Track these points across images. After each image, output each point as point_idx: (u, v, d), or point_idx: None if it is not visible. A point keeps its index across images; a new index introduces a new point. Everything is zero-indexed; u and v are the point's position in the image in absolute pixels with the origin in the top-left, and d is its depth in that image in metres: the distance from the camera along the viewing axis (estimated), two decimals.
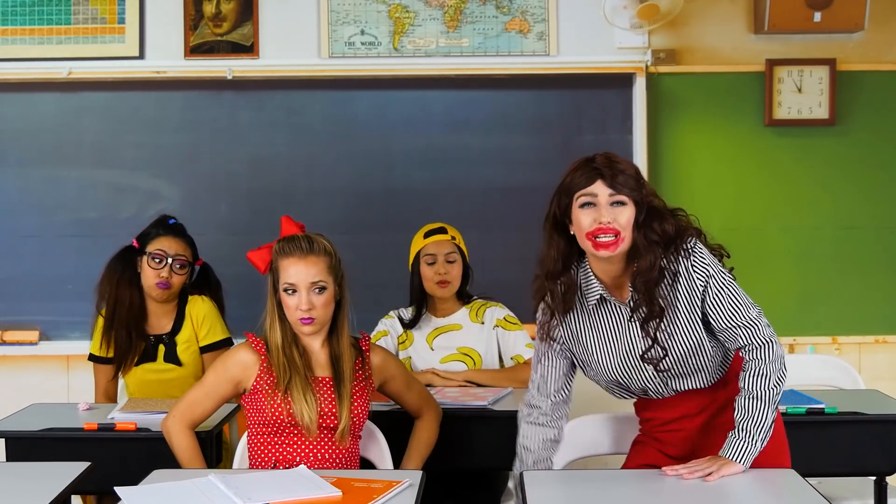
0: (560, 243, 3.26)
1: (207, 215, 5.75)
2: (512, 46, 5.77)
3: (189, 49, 5.77)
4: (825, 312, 5.82)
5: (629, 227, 3.16)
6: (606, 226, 3.13)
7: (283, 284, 3.57)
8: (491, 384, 4.50)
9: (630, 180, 3.17)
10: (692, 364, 3.26)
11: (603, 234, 3.13)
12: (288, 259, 3.58)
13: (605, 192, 3.15)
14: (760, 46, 5.78)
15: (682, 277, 3.20)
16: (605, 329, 3.32)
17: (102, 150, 5.80)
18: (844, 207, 5.80)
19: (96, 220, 5.76)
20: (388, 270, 5.29)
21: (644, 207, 3.19)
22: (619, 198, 3.15)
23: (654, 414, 3.43)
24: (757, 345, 3.19)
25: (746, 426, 3.14)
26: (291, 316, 3.58)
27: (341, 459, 3.56)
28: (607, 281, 3.28)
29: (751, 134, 5.78)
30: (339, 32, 5.77)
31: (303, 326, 3.58)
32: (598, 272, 3.28)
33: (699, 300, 3.20)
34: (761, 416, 3.14)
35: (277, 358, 3.56)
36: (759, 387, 3.16)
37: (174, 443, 3.65)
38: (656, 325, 3.19)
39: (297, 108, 5.81)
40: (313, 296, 3.57)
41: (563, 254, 3.27)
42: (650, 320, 3.19)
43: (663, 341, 3.21)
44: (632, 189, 3.16)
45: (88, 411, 4.26)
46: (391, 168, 5.81)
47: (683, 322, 3.21)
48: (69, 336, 5.69)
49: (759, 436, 3.13)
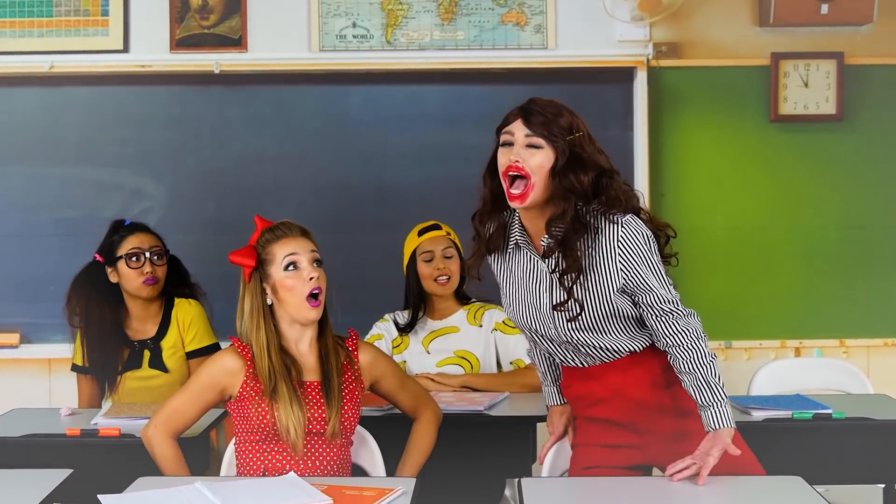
0: (490, 185, 3.35)
1: (194, 214, 5.75)
2: (509, 39, 5.77)
3: (175, 42, 5.77)
4: (832, 314, 5.82)
5: (540, 171, 3.21)
6: (514, 164, 3.20)
7: (284, 263, 3.56)
8: (488, 389, 4.49)
9: (551, 125, 3.22)
10: (605, 324, 3.29)
11: (512, 171, 3.20)
12: (281, 240, 3.59)
13: (522, 131, 3.23)
14: (765, 39, 5.78)
15: (602, 239, 3.23)
16: (521, 276, 3.38)
17: (85, 146, 5.80)
18: (852, 206, 5.80)
19: (79, 219, 5.76)
20: (381, 271, 5.29)
21: (565, 156, 3.21)
22: (534, 140, 3.22)
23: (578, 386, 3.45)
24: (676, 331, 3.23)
25: (707, 398, 3.17)
26: (297, 297, 3.56)
27: (332, 466, 3.55)
28: (531, 229, 3.34)
29: (755, 130, 5.79)
30: (329, 25, 5.77)
31: (311, 310, 3.57)
32: (524, 220, 3.36)
33: (616, 270, 3.23)
34: (712, 382, 3.18)
35: (262, 362, 3.54)
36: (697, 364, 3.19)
37: (156, 453, 3.62)
38: (573, 279, 3.24)
39: (286, 104, 5.81)
40: (317, 269, 3.59)
41: (494, 195, 3.34)
42: (567, 273, 3.24)
43: (580, 296, 3.25)
44: (550, 133, 3.21)
45: (71, 416, 4.25)
46: (384, 165, 5.81)
47: (599, 282, 3.24)
48: (51, 339, 5.68)
49: (720, 395, 3.18)
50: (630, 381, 3.36)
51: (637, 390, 3.35)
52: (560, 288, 3.28)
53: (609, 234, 3.23)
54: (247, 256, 3.60)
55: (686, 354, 3.22)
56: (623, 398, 3.37)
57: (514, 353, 4.68)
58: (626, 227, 3.23)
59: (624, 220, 3.23)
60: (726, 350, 5.69)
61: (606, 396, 3.38)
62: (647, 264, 3.24)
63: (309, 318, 3.59)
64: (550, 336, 3.37)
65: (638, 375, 3.35)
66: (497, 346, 4.72)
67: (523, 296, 3.38)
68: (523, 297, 3.38)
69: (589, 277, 3.24)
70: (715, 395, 3.18)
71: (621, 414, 3.38)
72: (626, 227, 3.23)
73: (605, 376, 3.38)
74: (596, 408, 3.42)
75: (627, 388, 3.36)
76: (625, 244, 3.23)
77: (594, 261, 3.24)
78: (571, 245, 3.22)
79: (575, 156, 3.22)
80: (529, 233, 3.35)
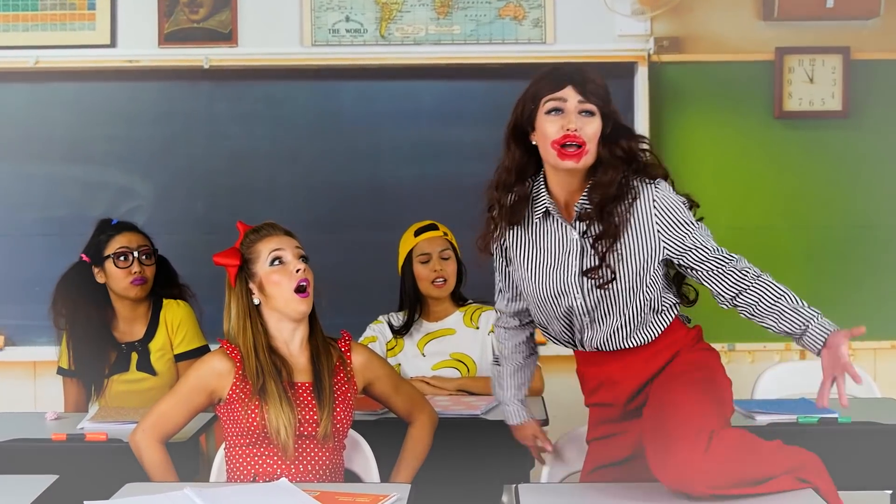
0: (517, 153, 3.35)
1: (183, 213, 5.75)
2: (506, 34, 5.77)
3: (163, 37, 5.77)
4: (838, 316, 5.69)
5: (595, 139, 3.20)
6: (573, 133, 3.16)
7: (269, 257, 3.57)
8: (485, 393, 4.49)
9: (600, 90, 3.22)
10: (631, 295, 3.28)
11: (569, 141, 3.16)
12: (265, 238, 3.62)
13: (575, 98, 3.20)
14: (770, 34, 5.78)
15: (640, 204, 3.23)
16: (546, 245, 3.34)
17: (72, 144, 5.79)
18: (858, 204, 5.80)
19: (65, 218, 5.75)
20: (374, 271, 5.29)
21: (610, 122, 3.23)
22: (588, 107, 3.20)
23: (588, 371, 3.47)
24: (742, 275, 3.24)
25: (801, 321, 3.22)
26: (284, 291, 3.57)
27: (324, 471, 3.55)
28: (561, 196, 3.31)
29: (759, 127, 5.79)
30: (322, 19, 5.76)
31: (301, 304, 3.57)
32: (553, 186, 3.32)
33: (656, 234, 3.24)
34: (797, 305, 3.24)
35: (251, 363, 3.54)
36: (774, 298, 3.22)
37: (144, 459, 3.62)
38: (607, 245, 3.22)
39: (278, 100, 5.80)
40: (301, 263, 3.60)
41: (519, 164, 3.35)
42: (603, 238, 3.23)
43: (613, 263, 3.24)
44: (601, 99, 3.21)
45: (56, 421, 4.25)
46: (378, 163, 5.81)
47: (635, 248, 3.24)
48: (36, 341, 5.67)
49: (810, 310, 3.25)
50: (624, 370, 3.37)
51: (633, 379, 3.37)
52: (593, 253, 3.26)
53: (647, 198, 3.23)
54: (230, 257, 3.61)
55: (758, 294, 3.22)
56: (613, 385, 3.39)
57: None
58: (662, 190, 3.24)
59: (658, 184, 3.25)
60: (729, 353, 5.69)
61: (606, 381, 3.40)
62: (689, 223, 3.25)
63: (298, 311, 3.59)
64: (573, 307, 3.33)
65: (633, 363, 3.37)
66: (494, 349, 4.72)
67: (548, 266, 3.33)
68: (548, 267, 3.33)
69: (624, 243, 3.24)
70: (805, 314, 3.21)
71: (614, 397, 3.40)
72: (662, 191, 3.24)
73: (612, 361, 3.38)
74: (598, 393, 3.45)
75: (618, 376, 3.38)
76: (664, 207, 3.23)
77: (631, 226, 3.23)
78: (609, 210, 3.21)
79: (618, 122, 3.25)
80: (558, 200, 3.32)
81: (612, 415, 3.43)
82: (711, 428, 3.09)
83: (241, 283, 3.61)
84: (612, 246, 3.23)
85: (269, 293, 3.58)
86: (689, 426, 3.09)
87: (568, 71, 3.25)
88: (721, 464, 3.04)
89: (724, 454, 3.05)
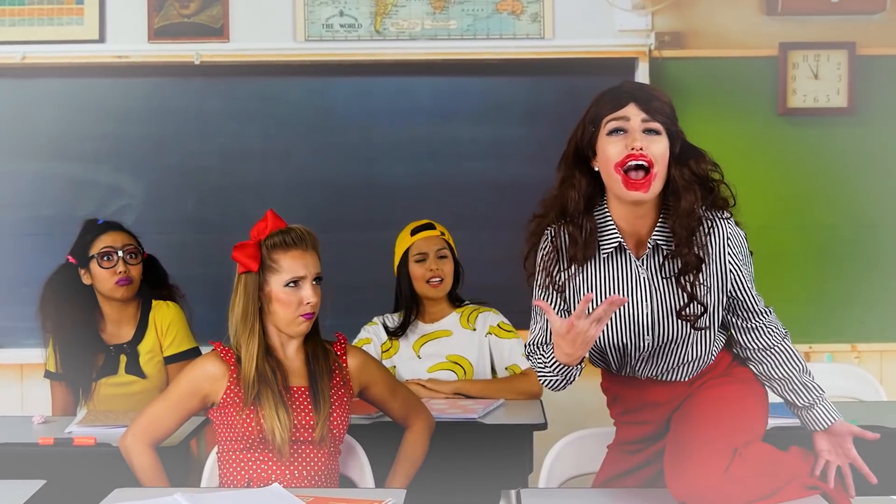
0: (582, 181, 3.15)
1: (174, 213, 5.75)
2: (504, 29, 5.77)
3: (153, 32, 5.76)
4: (843, 318, 5.82)
5: (664, 160, 3.06)
6: (638, 153, 3.01)
7: (287, 280, 3.55)
8: (483, 396, 4.49)
9: (665, 107, 3.09)
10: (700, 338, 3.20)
11: (634, 160, 3.00)
12: (290, 252, 3.57)
13: (639, 116, 3.05)
14: (773, 29, 5.78)
15: (714, 237, 3.13)
16: (615, 285, 3.15)
17: (59, 141, 5.79)
18: (864, 203, 5.80)
19: (53, 218, 5.74)
20: (369, 272, 5.29)
21: (679, 142, 3.12)
22: (653, 125, 3.06)
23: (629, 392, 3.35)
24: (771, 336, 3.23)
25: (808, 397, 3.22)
26: (290, 314, 3.56)
27: (319, 477, 3.55)
28: (626, 228, 3.15)
29: (763, 124, 5.79)
30: (315, 14, 5.76)
31: (302, 325, 3.57)
32: (617, 217, 3.15)
33: (726, 270, 3.15)
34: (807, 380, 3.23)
35: (249, 369, 3.53)
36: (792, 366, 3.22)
37: (135, 463, 3.61)
38: (693, 278, 3.10)
39: (270, 96, 5.80)
40: (315, 288, 3.59)
41: (586, 193, 3.16)
42: (687, 272, 3.10)
43: (700, 296, 3.12)
44: (666, 117, 3.09)
45: (44, 424, 4.24)
46: (373, 161, 5.81)
47: (712, 284, 3.14)
48: (23, 343, 5.65)
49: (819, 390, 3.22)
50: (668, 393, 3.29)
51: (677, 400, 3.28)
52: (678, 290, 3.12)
53: (720, 232, 3.14)
54: (251, 257, 3.57)
55: (780, 357, 3.21)
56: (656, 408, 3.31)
57: (510, 359, 4.67)
58: (732, 226, 3.17)
59: (730, 218, 3.17)
60: None
61: (650, 403, 3.32)
62: (748, 267, 3.20)
63: (298, 332, 3.61)
64: (639, 347, 3.21)
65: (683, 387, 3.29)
66: (491, 351, 4.72)
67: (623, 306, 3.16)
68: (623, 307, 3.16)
69: (704, 277, 3.12)
70: (814, 391, 3.21)
71: (656, 416, 3.32)
72: (733, 227, 3.17)
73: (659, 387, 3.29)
74: (640, 412, 3.35)
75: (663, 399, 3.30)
76: (734, 243, 3.16)
77: (709, 260, 3.13)
78: (689, 240, 3.08)
79: (685, 143, 3.14)
80: (623, 231, 3.15)
81: (645, 433, 3.36)
82: (735, 446, 3.07)
83: (252, 283, 3.58)
84: (696, 278, 3.09)
85: (274, 309, 3.58)
86: (712, 443, 3.05)
87: (630, 88, 3.12)
88: (738, 485, 3.00)
89: (744, 474, 3.02)
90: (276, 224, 3.62)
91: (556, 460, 3.69)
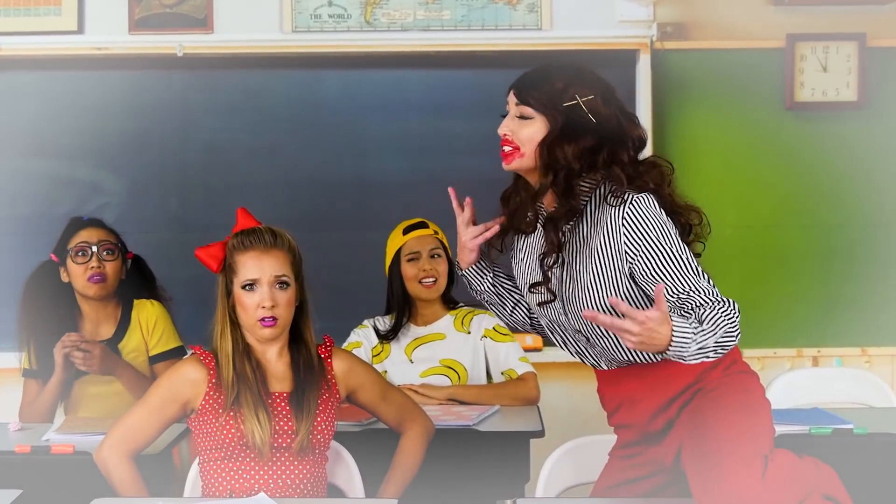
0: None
1: (156, 211, 5.75)
2: (500, 19, 5.77)
3: (134, 23, 5.76)
4: (853, 320, 5.82)
5: (530, 143, 3.24)
6: (503, 138, 3.28)
7: (242, 281, 3.54)
8: (477, 402, 4.48)
9: (540, 93, 3.22)
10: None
11: (503, 144, 3.29)
12: (248, 253, 3.55)
13: (513, 102, 3.27)
14: (781, 19, 5.78)
15: (605, 220, 3.14)
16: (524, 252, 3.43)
17: (37, 137, 5.79)
18: (875, 201, 5.80)
19: (31, 217, 5.75)
20: (359, 272, 5.29)
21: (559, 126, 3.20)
22: (523, 110, 3.24)
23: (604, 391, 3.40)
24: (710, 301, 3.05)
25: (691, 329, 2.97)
26: (249, 318, 3.54)
27: (304, 485, 3.54)
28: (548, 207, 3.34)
29: (769, 119, 5.79)
30: (303, 3, 5.75)
31: (263, 329, 3.54)
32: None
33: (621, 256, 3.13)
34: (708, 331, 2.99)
35: (227, 371, 3.53)
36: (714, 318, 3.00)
37: (112, 476, 3.58)
38: (551, 263, 3.24)
39: (256, 90, 5.80)
40: (276, 292, 3.54)
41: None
42: (546, 256, 3.25)
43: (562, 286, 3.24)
44: (539, 102, 3.22)
45: (20, 432, 4.23)
46: (363, 158, 5.81)
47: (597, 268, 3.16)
48: None
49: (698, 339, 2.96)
50: (644, 389, 3.28)
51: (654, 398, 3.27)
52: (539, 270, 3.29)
53: (611, 215, 3.13)
54: (211, 257, 3.58)
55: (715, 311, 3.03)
56: (633, 405, 3.31)
57: (506, 363, 4.67)
58: (632, 206, 3.11)
59: (633, 198, 3.12)
60: None
61: (626, 401, 3.32)
62: (657, 250, 3.10)
63: (262, 336, 3.58)
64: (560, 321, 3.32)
65: (653, 383, 3.28)
66: (487, 355, 4.72)
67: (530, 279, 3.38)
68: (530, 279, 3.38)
69: (583, 261, 3.18)
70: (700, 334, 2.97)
71: (634, 418, 3.32)
72: (631, 207, 3.11)
73: (632, 380, 3.30)
74: (618, 414, 3.38)
75: (639, 396, 3.29)
76: (632, 224, 3.11)
77: (593, 244, 3.16)
78: (556, 224, 3.21)
79: (571, 125, 3.19)
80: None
81: (631, 437, 3.37)
82: (763, 452, 3.06)
83: (221, 285, 3.60)
84: (555, 262, 3.22)
85: (238, 312, 3.58)
86: (740, 451, 3.04)
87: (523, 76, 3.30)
88: (777, 492, 3.00)
89: (781, 480, 3.02)
90: (245, 223, 3.62)
91: (553, 469, 3.69)
